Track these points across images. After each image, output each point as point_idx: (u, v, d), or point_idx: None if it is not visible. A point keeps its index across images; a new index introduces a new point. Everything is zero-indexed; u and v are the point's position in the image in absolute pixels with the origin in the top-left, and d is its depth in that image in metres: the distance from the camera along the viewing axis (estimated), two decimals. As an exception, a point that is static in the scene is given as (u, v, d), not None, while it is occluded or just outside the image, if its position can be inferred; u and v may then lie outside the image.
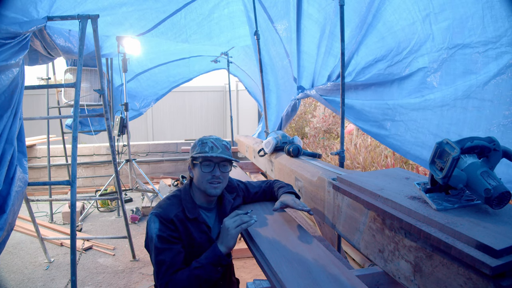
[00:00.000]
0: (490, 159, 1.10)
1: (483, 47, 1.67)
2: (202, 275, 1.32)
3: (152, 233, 1.41)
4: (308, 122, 7.24)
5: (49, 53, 2.85)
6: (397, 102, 2.22)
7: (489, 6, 1.59)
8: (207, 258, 1.35)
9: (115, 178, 3.10)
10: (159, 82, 5.56)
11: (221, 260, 1.34)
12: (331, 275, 1.14)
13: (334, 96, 2.79)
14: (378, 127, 2.39)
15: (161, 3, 3.35)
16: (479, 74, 1.70)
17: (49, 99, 4.21)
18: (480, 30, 1.67)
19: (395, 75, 2.20)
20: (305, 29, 2.97)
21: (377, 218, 1.30)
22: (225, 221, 1.41)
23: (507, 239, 0.89)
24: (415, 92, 2.09)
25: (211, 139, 1.53)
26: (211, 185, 1.49)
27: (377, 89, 2.38)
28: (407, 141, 2.17)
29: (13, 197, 1.68)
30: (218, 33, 4.24)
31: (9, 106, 1.79)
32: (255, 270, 2.95)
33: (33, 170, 5.54)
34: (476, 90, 1.72)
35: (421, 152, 2.09)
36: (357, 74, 2.51)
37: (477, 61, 1.71)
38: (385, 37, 2.22)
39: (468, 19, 1.71)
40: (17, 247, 3.53)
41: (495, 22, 1.59)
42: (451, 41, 1.82)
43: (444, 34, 1.85)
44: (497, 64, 1.61)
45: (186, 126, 10.07)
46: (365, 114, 2.49)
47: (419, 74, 2.04)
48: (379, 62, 2.30)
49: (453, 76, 1.84)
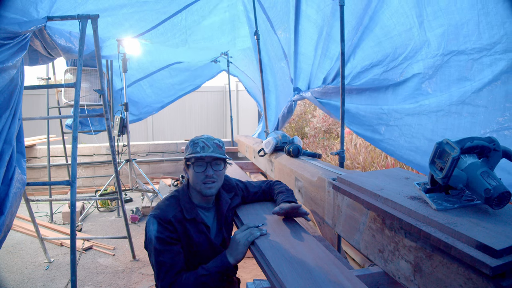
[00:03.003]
0: (490, 159, 1.10)
1: (477, 53, 1.67)
2: (208, 283, 1.34)
3: (151, 235, 1.41)
4: (308, 122, 7.24)
5: (49, 53, 2.84)
6: (392, 107, 2.22)
7: (485, 13, 1.59)
8: (216, 267, 1.37)
9: (115, 178, 3.10)
10: (163, 89, 5.36)
11: (229, 270, 1.38)
12: (331, 275, 1.14)
13: (329, 99, 2.78)
14: (372, 131, 2.39)
15: (161, 4, 3.34)
16: (474, 81, 1.70)
17: (49, 99, 4.21)
18: (475, 37, 1.66)
19: (390, 80, 2.19)
20: (303, 30, 2.96)
21: (377, 218, 1.30)
22: (236, 234, 1.44)
23: (507, 239, 0.89)
24: (409, 98, 2.09)
25: (202, 138, 1.53)
26: (205, 185, 1.50)
27: (371, 94, 2.38)
28: (401, 146, 2.17)
29: (11, 198, 1.68)
30: (219, 35, 4.24)
31: (8, 106, 1.78)
32: (255, 270, 2.95)
33: (33, 170, 5.54)
34: (471, 96, 1.72)
35: (415, 157, 2.08)
36: (353, 78, 2.50)
37: (472, 68, 1.71)
38: (382, 42, 2.21)
39: (463, 26, 1.70)
40: (17, 247, 3.53)
41: (490, 29, 1.59)
42: (446, 48, 1.82)
43: (439, 40, 1.85)
44: (491, 71, 1.62)
45: (186, 126, 10.06)
46: (359, 118, 2.48)
47: (414, 80, 2.04)
48: (375, 67, 2.30)
49: (447, 82, 1.84)
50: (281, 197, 1.73)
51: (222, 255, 1.41)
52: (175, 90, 5.51)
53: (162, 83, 5.30)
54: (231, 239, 1.45)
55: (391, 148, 2.26)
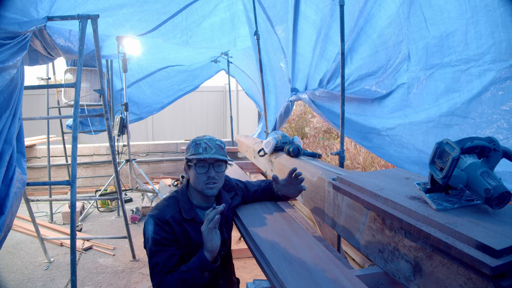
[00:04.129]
0: (490, 159, 1.10)
1: (464, 65, 1.63)
2: (188, 279, 1.33)
3: (148, 235, 1.42)
4: (308, 122, 7.23)
5: (49, 53, 2.84)
6: (380, 118, 2.21)
7: (474, 22, 1.54)
8: (194, 263, 1.36)
9: (115, 178, 3.10)
10: (163, 90, 5.36)
11: (206, 265, 1.34)
12: (331, 275, 1.14)
13: (323, 102, 2.78)
14: (361, 138, 2.38)
15: (162, 3, 3.34)
16: (463, 92, 1.66)
17: (49, 99, 4.21)
18: (461, 48, 1.62)
19: (378, 93, 2.18)
20: (302, 31, 2.95)
21: (377, 218, 1.30)
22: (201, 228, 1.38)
23: (507, 239, 0.89)
24: (396, 110, 2.07)
25: (204, 139, 1.52)
26: (207, 186, 1.49)
27: (360, 104, 2.37)
28: (390, 155, 2.16)
29: (11, 198, 1.68)
30: (219, 35, 4.23)
31: (8, 106, 1.78)
32: (255, 270, 2.95)
33: (33, 170, 5.54)
34: (460, 108, 1.68)
35: (403, 166, 2.05)
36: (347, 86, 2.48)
37: (460, 79, 1.66)
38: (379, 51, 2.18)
39: (448, 37, 1.66)
40: (17, 247, 3.53)
41: (478, 39, 1.54)
42: (428, 62, 1.78)
43: (420, 54, 1.81)
44: (480, 81, 1.57)
45: (186, 126, 10.07)
46: (351, 124, 2.48)
47: (398, 92, 2.03)
48: (370, 77, 2.28)
49: (435, 95, 1.81)
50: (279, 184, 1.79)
51: (200, 251, 1.38)
52: (174, 91, 5.49)
53: (162, 84, 5.29)
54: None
55: (380, 155, 2.27)
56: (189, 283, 1.33)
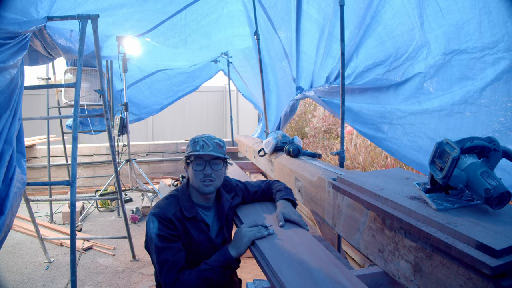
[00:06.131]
0: (490, 159, 1.10)
1: (480, 52, 1.66)
2: (211, 277, 1.34)
3: (151, 233, 1.41)
4: (308, 122, 7.23)
5: (49, 53, 2.84)
6: (394, 106, 2.22)
7: (486, 12, 1.58)
8: (218, 261, 1.37)
9: (115, 178, 3.10)
10: (162, 91, 5.36)
11: (231, 263, 1.37)
12: (331, 275, 1.14)
13: (332, 98, 2.78)
14: (375, 129, 2.39)
15: (161, 3, 3.34)
16: (476, 80, 1.70)
17: (49, 99, 4.21)
18: (476, 36, 1.66)
19: (392, 80, 2.19)
20: (305, 30, 2.97)
21: (377, 218, 1.30)
22: (242, 227, 1.44)
23: (507, 239, 0.89)
24: (411, 97, 2.09)
25: (202, 137, 1.54)
26: (203, 184, 1.50)
27: (373, 93, 2.38)
28: (404, 145, 2.17)
29: (11, 198, 1.68)
30: (218, 35, 4.23)
31: (8, 106, 1.78)
32: (255, 270, 2.95)
33: (33, 170, 5.54)
34: (473, 96, 1.71)
35: (417, 156, 2.08)
36: (356, 78, 2.50)
37: (474, 67, 1.70)
38: (385, 42, 2.21)
39: (464, 25, 1.70)
40: (17, 247, 3.53)
41: (492, 28, 1.58)
42: (448, 47, 1.81)
43: (440, 40, 1.84)
44: (494, 69, 1.61)
45: (186, 126, 10.07)
46: (362, 116, 2.49)
47: (415, 80, 2.04)
48: (378, 66, 2.30)
49: (449, 82, 1.84)
50: (280, 195, 1.75)
51: (223, 249, 1.42)
52: (174, 92, 5.50)
53: (161, 85, 5.29)
54: (236, 232, 1.46)
55: (394, 147, 2.26)
56: (212, 281, 1.34)
